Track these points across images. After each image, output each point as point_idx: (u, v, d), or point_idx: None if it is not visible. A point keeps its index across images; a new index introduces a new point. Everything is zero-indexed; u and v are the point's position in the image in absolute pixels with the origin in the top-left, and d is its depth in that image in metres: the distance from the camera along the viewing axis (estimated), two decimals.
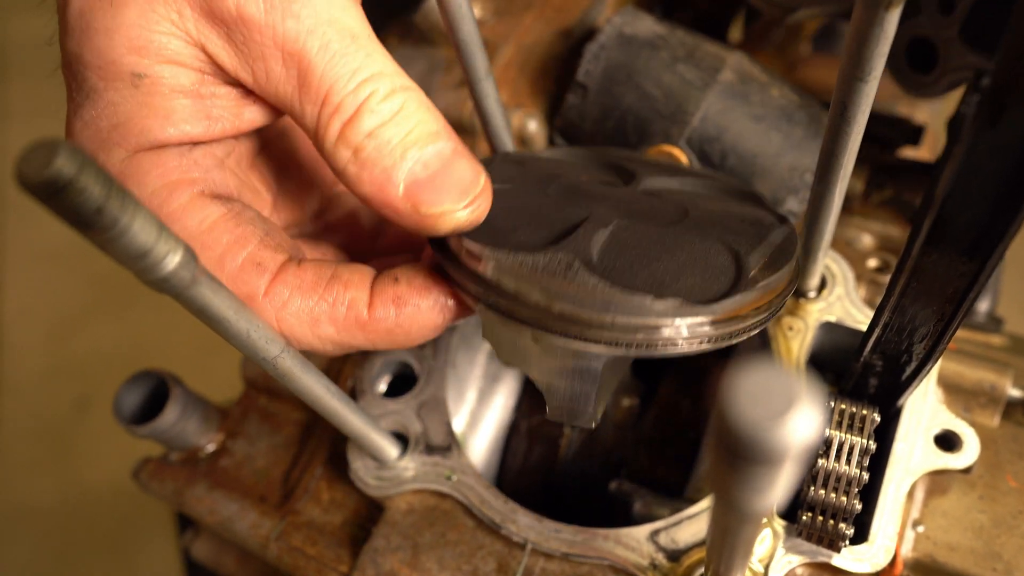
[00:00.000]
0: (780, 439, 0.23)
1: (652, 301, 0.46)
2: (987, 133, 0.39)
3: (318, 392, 0.56)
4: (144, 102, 0.50)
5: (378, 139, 0.49)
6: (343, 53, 0.49)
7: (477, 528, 0.66)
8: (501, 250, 0.51)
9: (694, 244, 0.52)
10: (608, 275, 0.48)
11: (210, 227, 0.52)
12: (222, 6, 0.48)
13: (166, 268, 0.39)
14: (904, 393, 0.59)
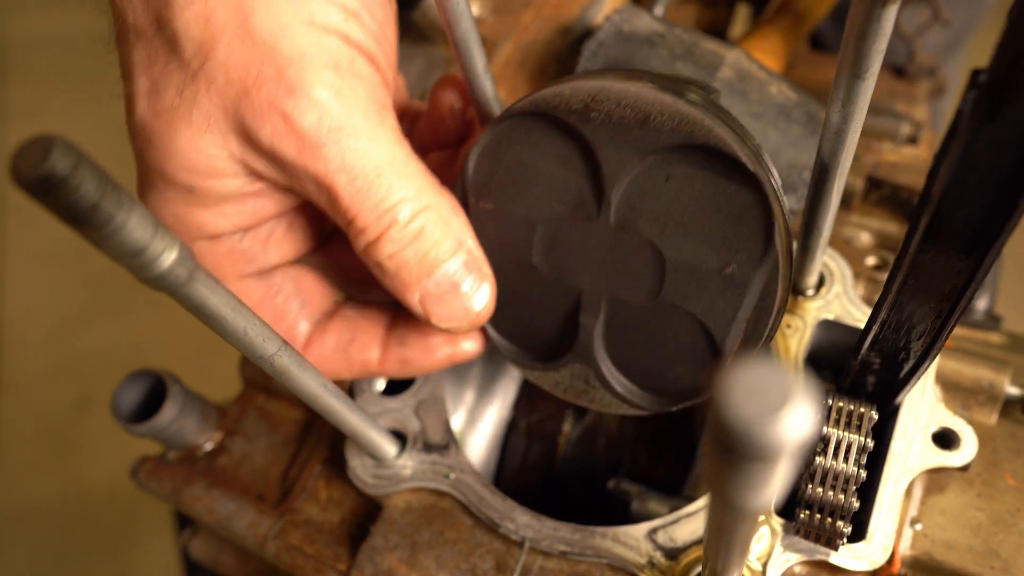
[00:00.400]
0: (775, 435, 0.22)
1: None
2: (984, 129, 0.39)
3: (315, 390, 0.55)
4: (199, 203, 0.56)
5: (397, 260, 0.57)
6: (367, 188, 0.54)
7: (475, 526, 0.66)
8: (525, 366, 0.66)
9: (674, 327, 0.58)
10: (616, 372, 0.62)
11: (253, 308, 0.57)
12: (259, 138, 0.53)
13: (162, 265, 0.39)
14: (902, 391, 0.58)
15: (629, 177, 0.55)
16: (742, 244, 0.53)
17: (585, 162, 0.57)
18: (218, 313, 0.44)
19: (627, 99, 0.53)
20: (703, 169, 0.53)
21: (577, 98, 0.55)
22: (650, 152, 0.54)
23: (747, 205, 0.52)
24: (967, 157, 0.40)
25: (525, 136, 0.58)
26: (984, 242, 0.45)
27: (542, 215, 0.60)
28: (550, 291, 0.62)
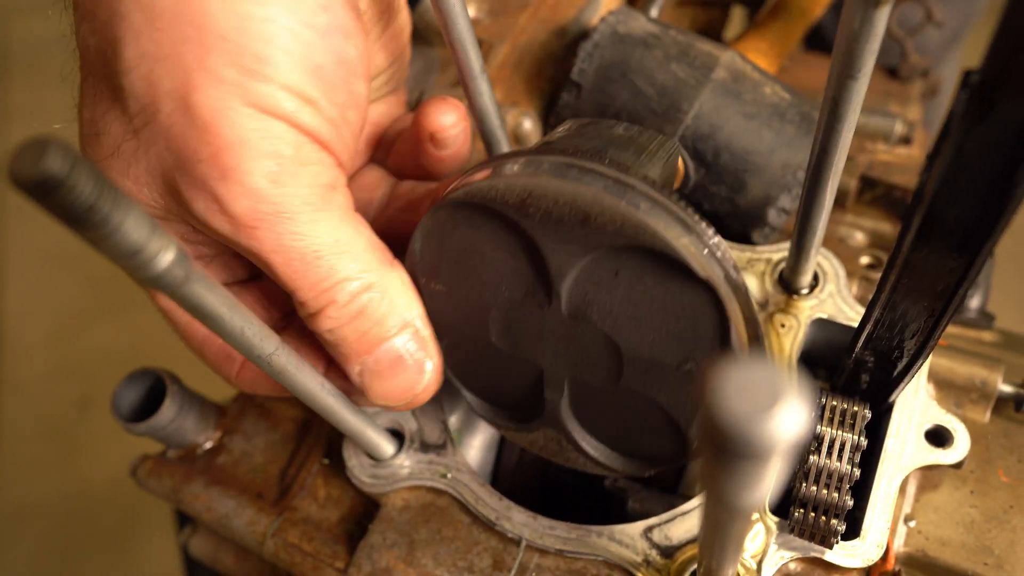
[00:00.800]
0: (767, 434, 0.23)
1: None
2: (976, 129, 0.39)
3: (313, 389, 0.56)
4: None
5: (336, 336, 0.56)
6: (304, 269, 0.53)
7: (472, 524, 0.66)
8: (498, 425, 0.66)
9: (640, 407, 0.57)
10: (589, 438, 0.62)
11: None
12: (193, 210, 0.52)
13: (159, 265, 0.39)
14: (896, 389, 0.59)
15: (576, 271, 0.52)
16: (698, 343, 0.51)
17: (529, 253, 0.54)
18: (216, 312, 0.45)
19: (564, 198, 0.49)
20: (652, 268, 0.50)
21: (512, 193, 0.51)
22: (595, 248, 0.51)
23: (700, 306, 0.50)
24: (959, 157, 0.41)
25: (467, 221, 0.55)
26: (976, 241, 0.45)
27: (494, 300, 0.58)
28: (512, 366, 0.62)
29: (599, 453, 0.62)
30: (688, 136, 0.73)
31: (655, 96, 0.74)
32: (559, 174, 0.49)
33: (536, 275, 0.54)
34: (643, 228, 0.47)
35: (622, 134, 0.56)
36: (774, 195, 0.73)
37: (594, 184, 0.48)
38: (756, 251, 0.71)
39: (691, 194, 0.75)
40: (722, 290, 0.48)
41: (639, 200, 0.48)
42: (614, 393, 0.57)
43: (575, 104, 0.78)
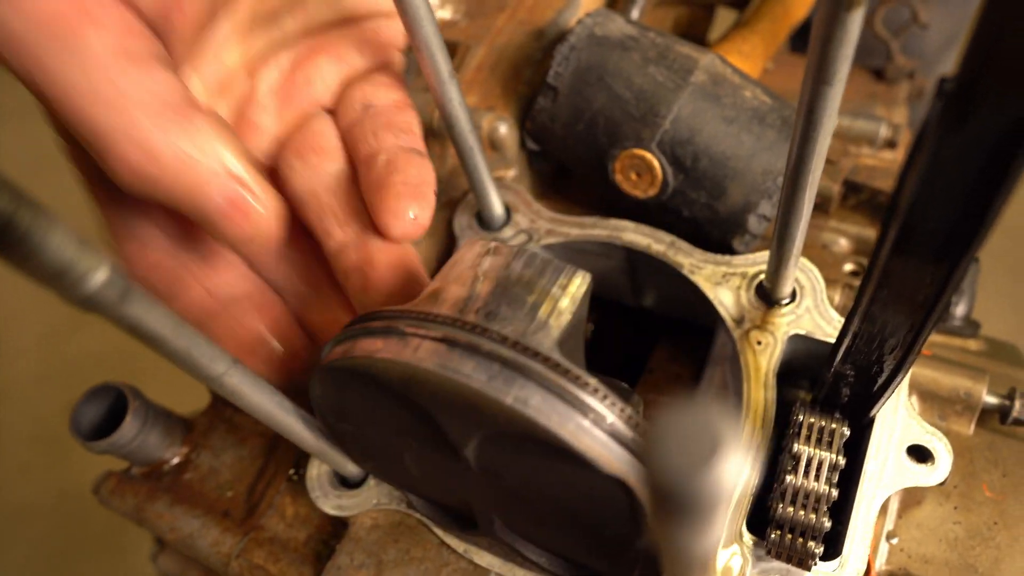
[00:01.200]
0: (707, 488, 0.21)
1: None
2: (952, 137, 0.37)
3: (271, 410, 0.53)
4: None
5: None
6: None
7: (442, 545, 0.64)
8: (446, 530, 0.64)
9: (571, 542, 0.54)
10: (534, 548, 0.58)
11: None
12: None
13: (89, 286, 0.37)
14: (876, 404, 0.57)
15: (476, 441, 0.48)
16: (615, 520, 0.47)
17: (427, 418, 0.49)
18: (157, 334, 0.42)
19: (446, 388, 0.44)
20: (554, 455, 0.44)
21: (393, 374, 0.47)
22: (491, 428, 0.46)
23: (610, 491, 0.44)
24: (934, 167, 0.39)
25: (357, 382, 0.50)
26: (956, 250, 0.43)
27: (403, 446, 0.54)
28: (441, 493, 0.59)
29: (546, 561, 0.58)
30: (666, 141, 0.71)
31: (633, 100, 0.72)
32: (438, 365, 0.44)
33: (437, 436, 0.49)
34: (535, 425, 0.42)
35: (520, 275, 0.49)
36: (754, 201, 0.71)
37: (476, 375, 0.43)
38: (732, 264, 0.69)
39: (669, 200, 0.73)
40: (632, 479, 0.43)
41: (529, 394, 0.42)
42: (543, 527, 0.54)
43: (551, 108, 0.76)
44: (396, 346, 0.45)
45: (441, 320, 0.45)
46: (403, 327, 0.46)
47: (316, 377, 0.52)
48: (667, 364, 0.81)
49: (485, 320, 0.45)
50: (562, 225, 0.76)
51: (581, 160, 0.77)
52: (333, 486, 0.67)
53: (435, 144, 0.84)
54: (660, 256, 0.72)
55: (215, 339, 0.46)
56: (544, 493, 0.49)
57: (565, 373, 0.43)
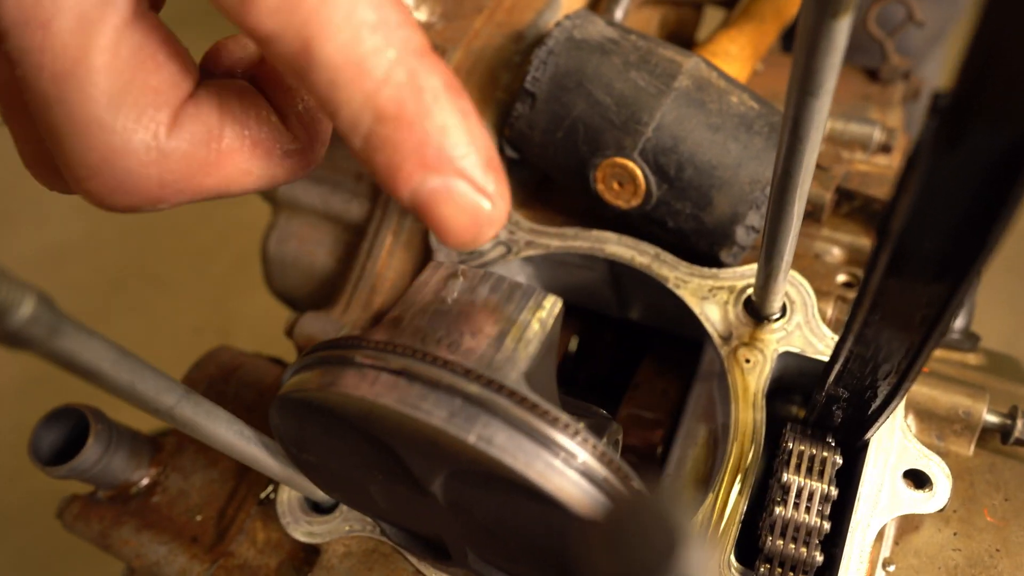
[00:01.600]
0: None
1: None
2: (947, 156, 0.35)
3: (231, 439, 0.51)
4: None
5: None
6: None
7: (416, 574, 0.61)
8: (419, 558, 0.60)
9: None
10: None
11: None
12: None
13: (13, 323, 0.34)
14: (871, 428, 0.54)
15: (441, 477, 0.45)
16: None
17: (390, 453, 0.46)
18: (95, 369, 0.39)
19: (406, 425, 0.42)
20: (523, 492, 0.41)
21: (352, 408, 0.44)
22: (455, 465, 0.43)
23: (583, 534, 0.41)
24: (929, 189, 0.36)
25: (317, 415, 0.47)
26: (954, 274, 0.40)
27: (369, 479, 0.51)
28: (411, 524, 0.56)
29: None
30: (649, 149, 0.68)
31: (613, 106, 0.69)
32: (396, 400, 0.41)
33: (402, 471, 0.47)
34: (499, 466, 0.40)
35: (486, 301, 0.46)
36: (742, 212, 0.68)
37: (436, 412, 0.40)
38: (719, 278, 0.66)
39: (653, 211, 0.70)
40: (602, 518, 0.40)
41: (493, 432, 0.40)
42: (517, 562, 0.51)
43: (529, 115, 0.73)
44: (353, 379, 0.42)
45: (401, 351, 0.42)
46: (360, 359, 0.43)
47: (274, 407, 0.49)
48: (654, 379, 0.78)
49: (448, 351, 0.42)
50: (542, 236, 0.73)
51: (561, 169, 0.74)
52: (304, 511, 0.65)
53: None
54: (644, 269, 0.69)
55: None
56: (515, 530, 0.46)
57: (532, 408, 0.40)
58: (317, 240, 0.88)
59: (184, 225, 2.92)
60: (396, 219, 0.80)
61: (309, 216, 0.88)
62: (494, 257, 0.71)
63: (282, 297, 0.96)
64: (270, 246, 0.90)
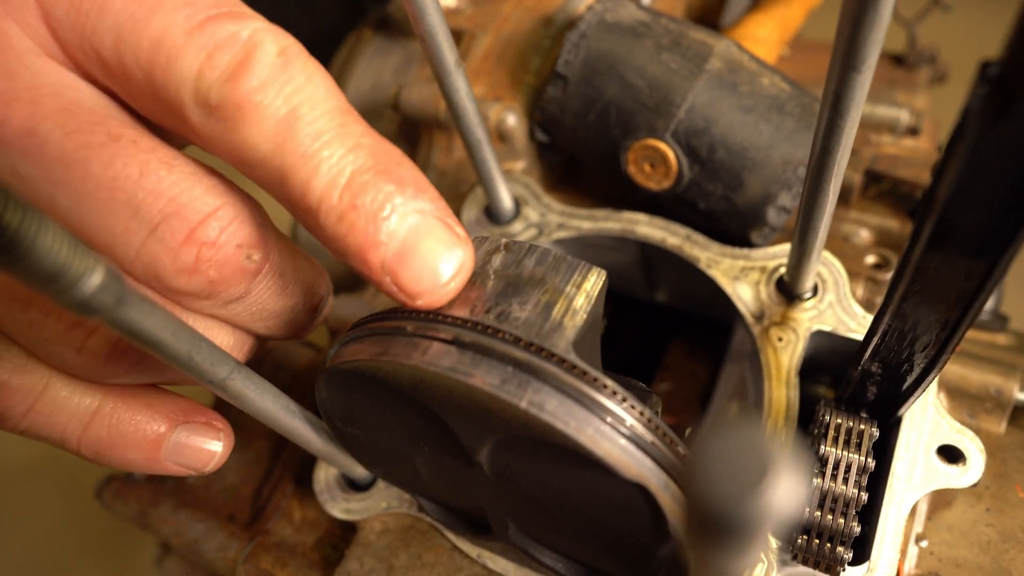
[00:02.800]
0: (754, 512, 0.19)
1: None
2: (994, 128, 0.35)
3: (276, 413, 0.52)
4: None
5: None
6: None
7: (453, 549, 0.62)
8: (459, 535, 0.61)
9: (589, 548, 0.52)
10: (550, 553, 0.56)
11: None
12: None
13: (84, 291, 0.35)
14: (905, 403, 0.55)
15: (489, 445, 0.46)
16: (634, 526, 0.45)
17: (438, 422, 0.47)
18: (156, 338, 0.40)
19: (458, 391, 0.42)
20: (572, 459, 0.42)
21: (403, 376, 0.44)
22: (504, 432, 0.44)
23: (631, 498, 0.43)
24: (975, 159, 0.36)
25: (366, 385, 0.48)
26: (998, 245, 0.41)
27: (415, 451, 0.52)
28: (453, 496, 0.57)
29: (563, 567, 0.56)
30: (681, 131, 0.69)
31: (646, 89, 0.70)
32: (448, 365, 0.41)
33: (450, 440, 0.47)
34: (551, 431, 0.40)
35: (532, 273, 0.47)
36: (773, 193, 0.68)
37: (488, 379, 0.41)
38: (750, 258, 0.67)
39: (685, 192, 0.71)
40: (653, 484, 0.41)
41: (544, 398, 0.40)
42: (560, 535, 0.52)
43: (561, 98, 0.74)
44: (405, 348, 0.43)
45: (451, 321, 0.43)
46: (411, 328, 0.44)
47: (322, 380, 0.50)
48: (683, 361, 0.79)
49: (496, 321, 0.43)
50: (573, 218, 0.74)
51: (592, 151, 0.75)
52: (342, 489, 0.66)
53: (441, 136, 0.82)
54: (675, 250, 0.70)
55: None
56: (561, 499, 0.47)
57: (582, 375, 0.41)
58: None
59: None
60: None
61: None
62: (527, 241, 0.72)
63: None
64: (300, 230, 0.91)
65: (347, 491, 0.66)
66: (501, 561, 0.60)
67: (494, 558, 0.60)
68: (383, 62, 0.88)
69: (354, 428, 0.53)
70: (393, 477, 0.59)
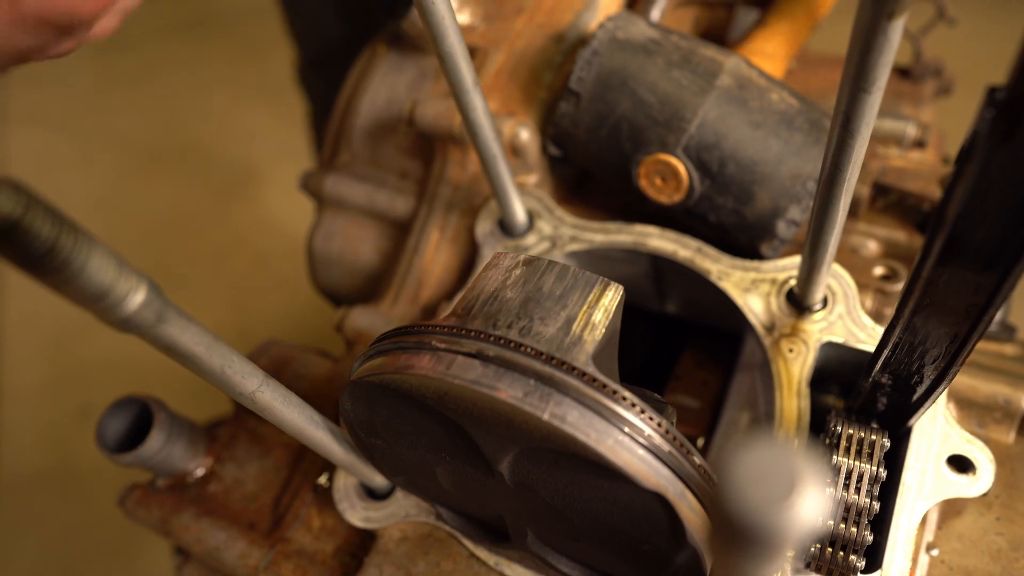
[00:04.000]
0: (783, 523, 0.20)
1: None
2: (1002, 149, 0.36)
3: (300, 424, 0.53)
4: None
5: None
6: None
7: (471, 558, 0.63)
8: (477, 543, 0.63)
9: (606, 556, 0.53)
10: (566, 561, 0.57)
11: None
12: None
13: (127, 308, 0.36)
14: (916, 414, 0.56)
15: (511, 456, 0.47)
16: (652, 532, 0.46)
17: (460, 433, 0.48)
18: (191, 352, 0.42)
19: (481, 404, 0.44)
20: (592, 469, 0.43)
21: (428, 390, 0.46)
22: (526, 443, 0.45)
23: (649, 505, 0.44)
24: (984, 178, 0.38)
25: (390, 398, 0.49)
26: (1005, 262, 0.42)
27: (436, 460, 0.53)
28: (472, 506, 0.58)
29: (579, 574, 0.58)
30: (692, 146, 0.70)
31: (657, 105, 0.71)
32: (472, 379, 0.43)
33: (471, 451, 0.49)
34: (572, 442, 0.41)
35: (552, 289, 0.49)
36: (783, 206, 0.70)
37: (511, 391, 0.42)
38: (761, 270, 0.68)
39: (695, 206, 0.72)
40: (671, 493, 0.42)
41: (566, 410, 0.41)
42: (578, 543, 0.53)
43: (574, 114, 0.75)
44: (429, 362, 0.45)
45: (474, 335, 0.45)
46: (435, 343, 0.45)
47: (346, 392, 0.52)
48: (694, 371, 0.80)
49: (519, 335, 0.45)
50: (586, 231, 0.75)
51: (604, 165, 0.77)
52: (360, 498, 0.67)
53: (455, 150, 0.83)
54: (687, 262, 0.71)
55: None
56: (580, 507, 0.48)
57: (602, 388, 0.42)
58: (362, 237, 0.90)
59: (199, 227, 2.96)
60: (442, 215, 0.82)
61: (354, 213, 0.91)
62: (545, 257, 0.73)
63: (326, 293, 0.99)
64: (316, 243, 0.93)
65: (366, 500, 0.67)
66: (518, 569, 0.62)
67: (511, 566, 0.62)
68: (397, 78, 0.89)
69: (377, 439, 0.54)
70: (413, 486, 0.60)
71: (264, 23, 3.50)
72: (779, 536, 0.20)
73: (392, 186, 0.89)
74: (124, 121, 3.20)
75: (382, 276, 0.89)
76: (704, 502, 0.44)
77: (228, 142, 3.18)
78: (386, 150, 0.89)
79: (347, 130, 0.92)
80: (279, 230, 2.86)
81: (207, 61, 3.43)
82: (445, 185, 0.83)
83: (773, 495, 0.20)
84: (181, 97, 3.32)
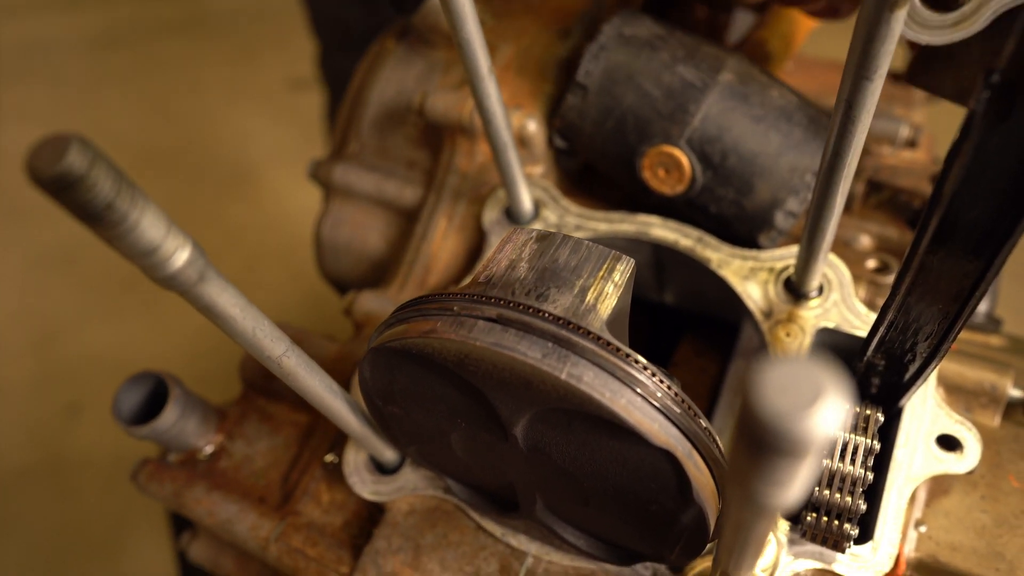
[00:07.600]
0: (808, 430, 0.22)
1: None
2: (997, 129, 0.39)
3: (321, 392, 0.55)
4: None
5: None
6: None
7: (478, 529, 0.65)
8: (484, 514, 0.65)
9: (614, 520, 0.55)
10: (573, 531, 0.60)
11: None
12: None
13: (173, 265, 0.38)
14: (906, 393, 0.59)
15: (526, 418, 0.49)
16: (661, 491, 0.48)
17: (477, 397, 0.50)
18: (228, 314, 0.44)
19: (501, 365, 0.46)
20: (605, 428, 0.46)
21: (448, 353, 0.47)
22: (543, 405, 0.47)
23: (659, 464, 0.46)
24: (979, 158, 0.40)
25: (409, 364, 0.51)
26: (994, 243, 0.45)
27: (451, 427, 0.55)
28: (483, 473, 0.60)
29: (584, 543, 0.60)
30: (695, 139, 0.73)
31: (661, 98, 0.74)
32: (493, 341, 0.45)
33: (487, 415, 0.51)
34: (588, 400, 0.44)
35: (567, 260, 0.51)
36: (781, 198, 0.73)
37: (531, 353, 0.44)
38: (759, 259, 0.71)
39: (697, 197, 0.75)
40: (680, 451, 0.45)
41: (582, 370, 0.44)
42: (586, 507, 0.56)
43: (580, 106, 0.78)
44: (451, 326, 0.47)
45: (494, 301, 0.47)
46: (456, 308, 0.48)
47: (366, 359, 0.54)
48: (692, 358, 0.83)
49: (536, 301, 0.47)
50: (590, 220, 0.78)
51: (609, 157, 0.79)
52: (370, 472, 0.69)
53: (464, 140, 0.86)
54: (688, 251, 0.74)
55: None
56: (591, 469, 0.50)
57: (616, 351, 0.45)
58: (370, 225, 0.92)
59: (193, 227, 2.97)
60: (450, 203, 0.85)
61: (362, 202, 0.93)
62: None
63: (332, 280, 1.01)
64: (323, 231, 0.95)
65: (375, 474, 0.69)
66: (524, 540, 0.64)
67: (517, 537, 0.64)
68: (406, 71, 0.92)
69: (394, 406, 0.56)
70: (426, 456, 0.63)
71: (259, 24, 3.52)
72: (805, 441, 0.23)
73: (400, 175, 0.91)
74: (118, 120, 3.21)
75: (389, 263, 0.91)
76: (710, 463, 0.46)
77: (222, 142, 3.19)
78: (395, 140, 0.92)
79: (356, 121, 0.94)
80: (273, 231, 2.87)
81: (202, 61, 3.44)
82: (453, 174, 0.86)
83: (800, 402, 0.22)
84: (175, 96, 3.32)
